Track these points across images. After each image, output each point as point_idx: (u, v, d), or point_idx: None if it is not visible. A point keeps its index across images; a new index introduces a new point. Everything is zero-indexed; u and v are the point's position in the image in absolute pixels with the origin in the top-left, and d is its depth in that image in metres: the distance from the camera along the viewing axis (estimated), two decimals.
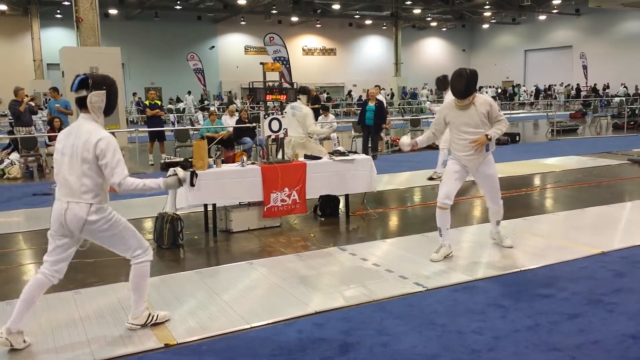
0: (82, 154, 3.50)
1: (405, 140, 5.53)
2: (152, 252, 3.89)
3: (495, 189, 5.49)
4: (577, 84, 37.23)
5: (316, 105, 15.25)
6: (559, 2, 35.85)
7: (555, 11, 39.38)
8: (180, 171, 3.81)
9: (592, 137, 17.65)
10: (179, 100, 34.43)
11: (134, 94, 32.56)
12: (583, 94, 35.56)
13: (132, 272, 3.77)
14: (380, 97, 15.61)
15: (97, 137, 3.49)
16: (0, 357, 3.53)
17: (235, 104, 24.90)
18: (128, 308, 3.94)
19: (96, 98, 3.55)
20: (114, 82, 3.66)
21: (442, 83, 9.69)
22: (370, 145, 12.96)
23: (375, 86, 16.57)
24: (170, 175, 3.79)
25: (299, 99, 7.97)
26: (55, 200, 3.63)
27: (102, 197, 3.60)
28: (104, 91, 3.57)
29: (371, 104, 13.02)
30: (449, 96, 9.50)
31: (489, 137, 5.17)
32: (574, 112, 26.79)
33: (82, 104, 3.58)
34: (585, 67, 35.77)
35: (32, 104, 12.90)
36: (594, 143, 15.39)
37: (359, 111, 18.39)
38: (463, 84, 5.11)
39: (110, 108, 3.65)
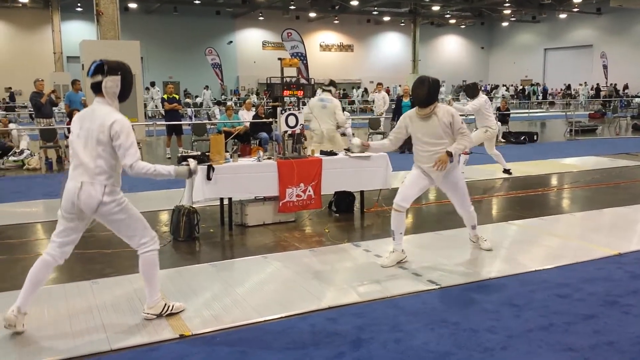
0: (98, 136, 3.58)
1: (356, 142, 5.21)
2: (159, 242, 3.93)
3: (463, 196, 5.24)
4: (597, 84, 36.78)
5: (277, 103, 15.19)
6: (580, 0, 35.42)
7: (576, 10, 38.93)
8: (192, 162, 3.86)
9: (611, 137, 17.46)
10: (187, 95, 34.45)
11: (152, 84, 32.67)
12: (603, 93, 35.12)
13: (141, 261, 3.84)
14: (382, 94, 15.53)
15: (112, 119, 3.58)
16: (15, 340, 3.60)
17: (250, 98, 24.91)
18: (144, 298, 3.99)
19: (111, 83, 3.63)
20: (129, 69, 3.75)
21: (471, 90, 9.72)
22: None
23: (378, 84, 16.53)
24: (182, 164, 3.84)
25: (329, 91, 8.16)
26: (69, 180, 3.72)
27: (115, 179, 3.69)
28: (119, 76, 3.65)
29: (406, 100, 12.98)
30: (477, 100, 9.48)
31: (449, 154, 4.87)
32: (593, 112, 26.49)
33: (97, 88, 3.67)
34: (605, 67, 35.33)
35: (53, 96, 13.03)
36: (613, 144, 15.21)
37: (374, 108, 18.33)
38: (425, 92, 4.87)
39: (124, 94, 3.72)
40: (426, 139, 4.99)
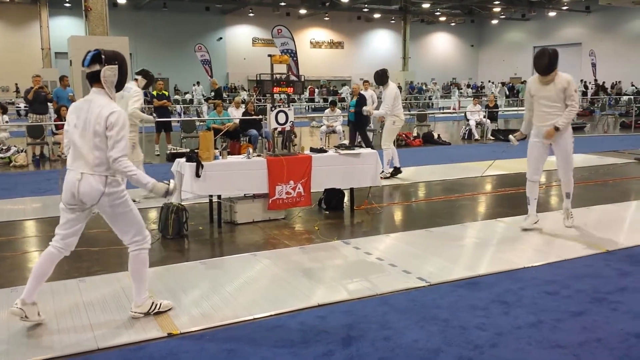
0: (94, 127, 3.56)
1: (512, 137, 6.35)
2: (151, 242, 3.92)
3: (567, 162, 6.04)
4: (585, 82, 36.99)
5: (217, 101, 15.03)
6: None
7: (565, 8, 39.14)
8: (172, 183, 3.83)
9: (600, 135, 17.56)
10: (177, 91, 34.31)
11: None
12: (591, 91, 35.32)
13: (131, 259, 3.82)
14: (370, 92, 15.44)
15: (109, 111, 3.56)
16: (1, 339, 3.56)
17: (240, 95, 24.89)
18: (131, 297, 3.96)
19: (109, 72, 3.61)
20: (124, 58, 3.73)
21: (380, 77, 9.31)
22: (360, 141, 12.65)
23: (365, 81, 16.42)
24: (163, 182, 3.80)
25: (136, 79, 7.62)
26: (68, 171, 3.70)
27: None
28: (117, 65, 3.63)
29: (352, 100, 12.54)
30: (388, 91, 9.15)
31: (557, 128, 5.76)
32: (581, 109, 26.63)
33: (94, 78, 3.63)
34: (594, 65, 35.55)
35: (43, 92, 12.71)
36: (601, 141, 15.30)
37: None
38: (546, 61, 5.67)
39: (121, 83, 3.72)
40: (543, 101, 5.84)
